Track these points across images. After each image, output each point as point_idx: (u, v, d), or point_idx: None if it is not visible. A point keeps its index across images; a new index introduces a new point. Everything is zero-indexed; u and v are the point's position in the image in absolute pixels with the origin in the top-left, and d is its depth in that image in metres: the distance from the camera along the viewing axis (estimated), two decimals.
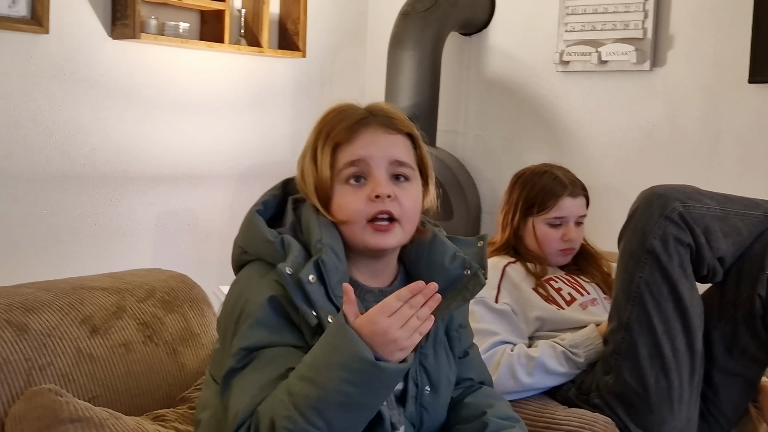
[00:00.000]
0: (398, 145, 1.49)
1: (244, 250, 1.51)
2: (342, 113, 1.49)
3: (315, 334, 1.40)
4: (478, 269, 1.55)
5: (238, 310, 1.43)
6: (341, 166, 1.46)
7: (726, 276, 2.02)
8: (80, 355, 1.78)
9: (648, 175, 2.66)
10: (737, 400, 2.08)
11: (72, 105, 3.20)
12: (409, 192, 1.49)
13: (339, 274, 1.42)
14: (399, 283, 1.56)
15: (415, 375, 1.52)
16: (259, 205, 1.52)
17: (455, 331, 1.62)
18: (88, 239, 3.27)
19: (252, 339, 1.39)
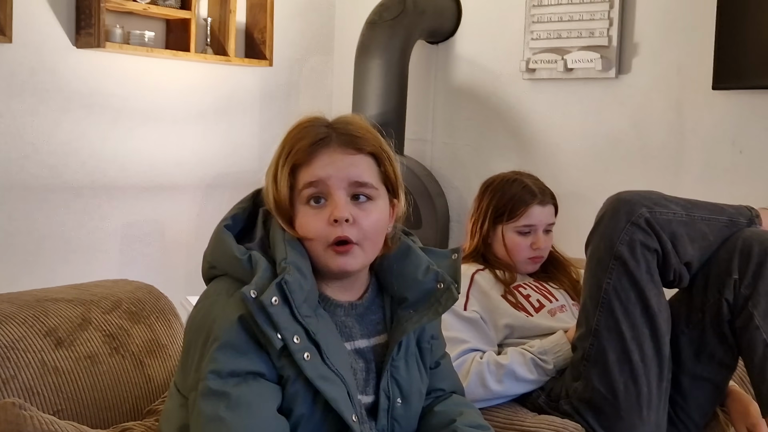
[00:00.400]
0: (359, 166, 1.46)
1: (212, 264, 1.49)
2: (303, 131, 1.46)
3: (280, 356, 1.39)
4: (451, 283, 1.54)
5: (206, 330, 1.41)
6: (301, 187, 1.44)
7: (693, 281, 2.04)
8: (45, 368, 1.75)
9: (614, 182, 2.68)
10: (705, 404, 2.09)
11: (35, 115, 3.17)
12: (369, 213, 1.46)
13: (304, 293, 1.40)
14: (370, 295, 1.55)
15: (387, 387, 1.51)
16: (227, 220, 1.50)
17: (427, 342, 1.61)
18: (52, 250, 3.23)
19: (221, 362, 1.37)
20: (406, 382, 1.54)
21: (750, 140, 3.17)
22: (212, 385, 1.36)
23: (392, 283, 1.54)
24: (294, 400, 1.40)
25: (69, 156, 3.26)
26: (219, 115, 3.75)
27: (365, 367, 1.51)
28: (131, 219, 3.47)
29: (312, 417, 1.41)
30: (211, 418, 1.35)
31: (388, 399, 1.51)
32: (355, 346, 1.51)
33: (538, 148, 3.65)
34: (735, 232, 2.03)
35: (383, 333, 1.55)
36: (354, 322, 1.52)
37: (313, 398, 1.40)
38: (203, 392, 1.36)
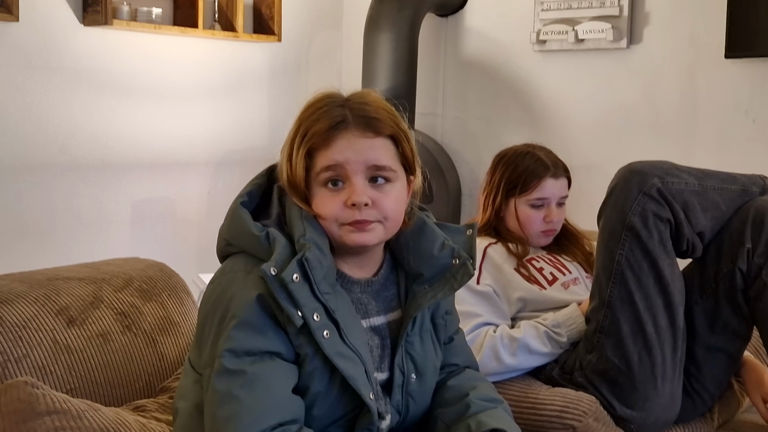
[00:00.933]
0: (377, 149, 1.44)
1: (228, 242, 1.48)
2: (319, 111, 1.44)
3: (299, 333, 1.38)
4: (467, 259, 1.53)
5: (223, 307, 1.40)
6: (318, 170, 1.42)
7: (706, 251, 2.02)
8: (57, 347, 1.76)
9: (627, 153, 2.65)
10: (720, 374, 2.09)
11: (44, 94, 3.16)
12: (388, 194, 1.45)
13: (324, 270, 1.39)
14: (385, 271, 1.54)
15: (401, 363, 1.50)
16: (243, 196, 1.48)
17: (441, 318, 1.60)
18: (63, 229, 3.24)
19: (238, 341, 1.36)
20: (421, 357, 1.53)
21: (763, 109, 3.14)
22: (228, 363, 1.35)
23: (408, 259, 1.53)
24: (311, 377, 1.40)
25: (78, 134, 3.26)
26: (228, 91, 3.74)
27: (380, 344, 1.51)
28: (141, 197, 3.47)
29: (329, 394, 1.41)
30: (226, 396, 1.34)
31: (403, 375, 1.51)
32: (371, 323, 1.50)
33: (550, 120, 3.63)
34: (747, 201, 2.01)
35: (398, 309, 1.54)
36: (370, 298, 1.51)
37: (330, 375, 1.40)
38: (218, 370, 1.36)
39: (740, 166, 2.26)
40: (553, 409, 2.00)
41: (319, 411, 1.41)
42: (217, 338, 1.39)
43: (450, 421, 1.53)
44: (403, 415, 1.52)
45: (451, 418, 1.53)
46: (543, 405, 2.01)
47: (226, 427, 1.33)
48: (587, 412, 1.98)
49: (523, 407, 2.02)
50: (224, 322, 1.38)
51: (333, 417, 1.43)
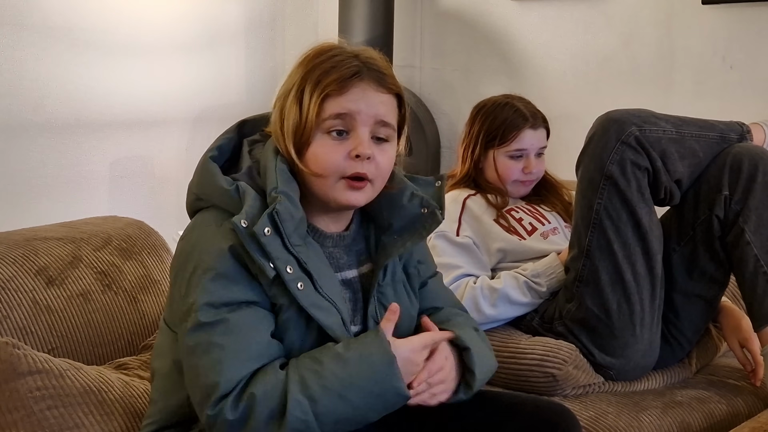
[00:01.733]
0: (387, 105, 1.46)
1: (198, 196, 1.48)
2: (334, 59, 1.43)
3: (272, 285, 1.38)
4: (436, 208, 1.54)
5: (194, 261, 1.39)
6: (326, 116, 1.42)
7: (683, 199, 2.04)
8: (37, 307, 1.76)
9: (605, 102, 2.64)
10: (698, 321, 2.11)
11: (14, 51, 3.11)
12: (386, 153, 1.46)
13: (295, 222, 1.39)
14: (355, 225, 1.55)
15: (375, 313, 1.51)
16: (213, 150, 1.48)
17: (413, 267, 1.61)
18: (39, 190, 3.21)
19: (214, 293, 1.36)
20: None
21: (740, 55, 3.14)
22: (206, 316, 1.35)
23: (378, 209, 1.54)
24: (286, 327, 1.40)
25: (51, 93, 3.21)
26: (203, 46, 3.69)
27: (353, 297, 1.52)
28: (118, 155, 3.44)
29: (305, 344, 1.41)
30: (207, 345, 1.35)
31: (377, 325, 1.51)
32: (343, 277, 1.51)
33: (528, 70, 3.61)
34: (725, 148, 2.02)
35: (368, 263, 1.55)
36: (342, 252, 1.52)
37: (306, 325, 1.41)
38: (196, 324, 1.36)
39: (718, 113, 2.26)
40: (534, 358, 2.02)
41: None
42: (189, 291, 1.38)
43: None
44: None
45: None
46: (523, 354, 2.03)
47: (211, 375, 1.33)
48: (567, 359, 2.00)
49: (504, 356, 2.04)
50: (196, 275, 1.38)
51: None
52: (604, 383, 2.06)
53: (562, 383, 1.99)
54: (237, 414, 1.31)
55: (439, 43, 3.86)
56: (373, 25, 3.55)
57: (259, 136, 1.53)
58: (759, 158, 1.98)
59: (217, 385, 1.32)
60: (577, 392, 2.03)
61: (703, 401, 2.03)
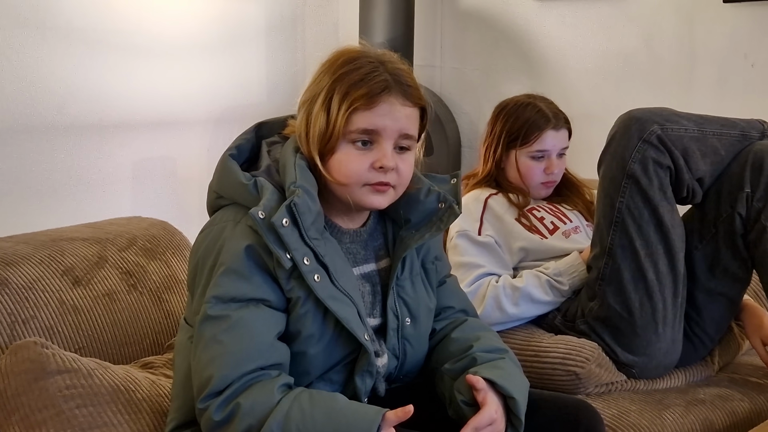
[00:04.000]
0: (411, 118, 1.48)
1: (218, 194, 1.50)
2: (361, 72, 1.45)
3: (290, 278, 1.40)
4: (453, 202, 1.56)
5: (213, 257, 1.42)
6: (353, 129, 1.44)
7: (705, 197, 2.03)
8: (63, 307, 1.77)
9: (626, 101, 2.64)
10: (720, 319, 2.10)
11: (39, 53, 3.14)
12: (408, 162, 1.50)
13: (313, 215, 1.41)
14: (372, 222, 1.57)
15: (394, 306, 1.53)
16: (232, 149, 1.51)
17: (431, 263, 1.63)
18: (63, 191, 3.24)
19: (224, 287, 1.39)
20: (414, 300, 1.56)
21: (762, 53, 3.12)
22: (213, 310, 1.38)
23: (395, 205, 1.56)
24: (303, 320, 1.42)
25: (75, 94, 3.24)
26: (224, 47, 3.71)
27: (371, 290, 1.54)
28: (141, 156, 3.46)
29: (322, 338, 1.43)
30: (210, 341, 1.37)
31: (397, 318, 1.53)
32: (361, 271, 1.54)
33: (549, 69, 3.61)
34: (747, 146, 2.02)
35: (386, 257, 1.58)
36: (359, 248, 1.55)
37: (323, 318, 1.43)
38: (203, 316, 1.39)
39: (739, 111, 2.25)
40: (556, 357, 2.02)
41: (315, 355, 1.44)
42: (205, 287, 1.41)
43: (456, 376, 1.54)
44: (401, 359, 1.55)
45: (457, 373, 1.54)
46: (546, 353, 2.03)
47: (208, 369, 1.36)
48: (590, 358, 2.00)
49: (526, 355, 2.04)
50: (213, 270, 1.41)
51: (330, 361, 1.46)
52: (627, 381, 2.06)
53: (585, 381, 1.99)
54: (221, 416, 1.34)
55: (459, 43, 3.87)
56: (394, 24, 3.55)
57: (277, 137, 1.56)
58: None
59: (210, 380, 1.35)
60: (599, 390, 2.03)
61: (725, 399, 2.02)
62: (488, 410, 1.44)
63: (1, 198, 3.10)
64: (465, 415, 1.47)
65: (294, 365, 1.43)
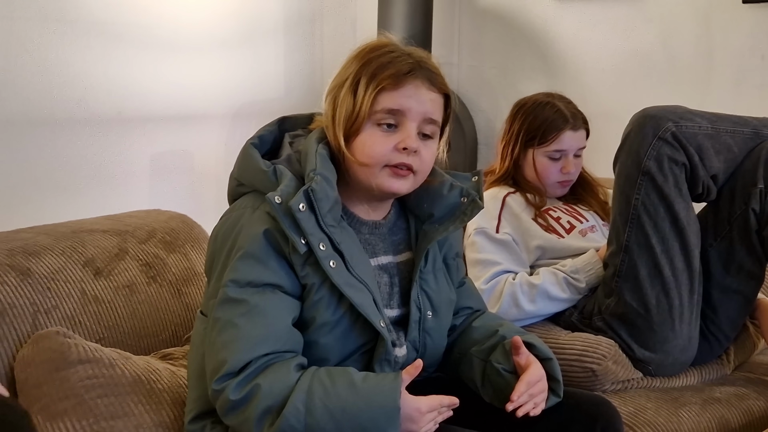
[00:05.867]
0: (435, 102, 1.50)
1: (239, 182, 1.53)
2: (390, 55, 1.48)
3: (305, 264, 1.42)
4: (476, 196, 1.58)
5: (230, 242, 1.44)
6: (379, 109, 1.46)
7: (719, 194, 2.04)
8: (85, 298, 1.79)
9: (643, 100, 2.64)
10: (735, 316, 2.11)
11: (59, 47, 3.16)
12: (430, 149, 1.52)
13: (330, 203, 1.43)
14: (393, 216, 1.59)
15: (417, 299, 1.55)
16: (254, 139, 1.54)
17: (452, 259, 1.65)
18: (83, 183, 3.26)
19: (241, 271, 1.41)
20: (436, 294, 1.58)
21: None
22: (230, 293, 1.40)
23: (418, 201, 1.58)
24: (318, 307, 1.44)
25: (95, 88, 3.26)
26: (243, 42, 3.72)
27: (389, 281, 1.55)
28: (160, 149, 3.48)
29: (338, 324, 1.45)
30: (226, 324, 1.40)
31: (419, 311, 1.55)
32: (379, 262, 1.55)
33: (566, 68, 3.61)
34: (759, 143, 2.02)
35: (407, 251, 1.59)
36: (377, 240, 1.56)
37: (338, 304, 1.44)
38: (221, 299, 1.41)
39: (756, 110, 2.26)
40: (573, 353, 2.03)
41: (330, 343, 1.45)
42: (222, 271, 1.44)
43: (486, 357, 1.57)
44: (420, 352, 1.56)
45: (487, 353, 1.57)
46: (563, 349, 2.04)
47: (222, 353, 1.38)
48: (606, 355, 2.01)
49: None
50: (231, 255, 1.43)
51: (347, 349, 1.47)
52: (643, 379, 2.06)
53: (602, 378, 2.00)
54: (239, 396, 1.36)
55: (477, 41, 3.87)
56: (412, 21, 3.56)
57: (301, 131, 1.57)
58: None
59: (225, 362, 1.37)
60: (615, 387, 2.03)
61: (741, 398, 2.03)
62: (536, 366, 1.50)
63: (22, 189, 3.12)
64: (504, 386, 1.51)
65: (311, 353, 1.45)
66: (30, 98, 3.11)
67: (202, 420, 1.50)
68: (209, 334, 1.43)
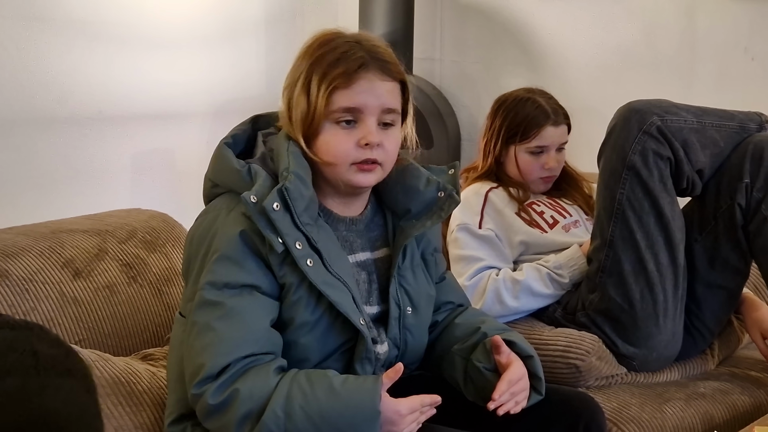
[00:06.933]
0: (392, 92, 1.49)
1: (214, 183, 1.51)
2: (338, 51, 1.46)
3: (283, 263, 1.41)
4: (453, 190, 1.57)
5: (206, 244, 1.43)
6: (335, 108, 1.45)
7: (705, 189, 2.04)
8: (64, 299, 1.77)
9: (626, 94, 2.64)
10: (720, 312, 2.11)
11: (38, 46, 3.14)
12: (392, 137, 1.50)
13: (305, 201, 1.42)
14: (369, 211, 1.57)
15: (396, 295, 1.54)
16: (228, 138, 1.52)
17: (430, 255, 1.64)
18: (63, 183, 3.23)
19: (218, 273, 1.40)
20: (415, 290, 1.57)
21: (763, 47, 3.12)
22: (207, 295, 1.39)
23: (395, 196, 1.57)
24: (297, 307, 1.43)
25: (74, 86, 3.23)
26: (224, 40, 3.70)
27: (367, 278, 1.54)
28: (140, 149, 3.46)
29: (318, 324, 1.44)
30: (204, 328, 1.39)
31: (399, 307, 1.54)
32: (357, 259, 1.54)
33: (548, 63, 3.60)
34: (745, 138, 2.02)
35: (384, 248, 1.58)
36: (355, 236, 1.55)
37: (317, 304, 1.43)
38: (198, 302, 1.40)
39: (739, 104, 2.25)
40: (557, 349, 2.02)
41: (310, 343, 1.44)
42: (199, 273, 1.42)
43: (467, 354, 1.56)
44: (401, 349, 1.55)
45: (468, 351, 1.57)
46: (546, 345, 2.03)
47: (201, 356, 1.37)
48: (590, 350, 2.01)
49: None
50: (207, 257, 1.42)
51: (327, 349, 1.46)
52: (627, 374, 2.06)
53: (585, 374, 1.99)
54: (218, 401, 1.35)
55: (459, 36, 3.86)
56: (394, 17, 3.55)
57: (273, 129, 1.56)
58: None
59: (203, 366, 1.36)
60: (599, 383, 2.03)
61: (725, 393, 2.02)
62: (518, 364, 1.49)
63: (1, 190, 3.09)
64: (486, 385, 1.50)
65: (291, 353, 1.44)
66: (9, 97, 3.09)
67: (182, 422, 1.48)
68: (187, 338, 1.42)
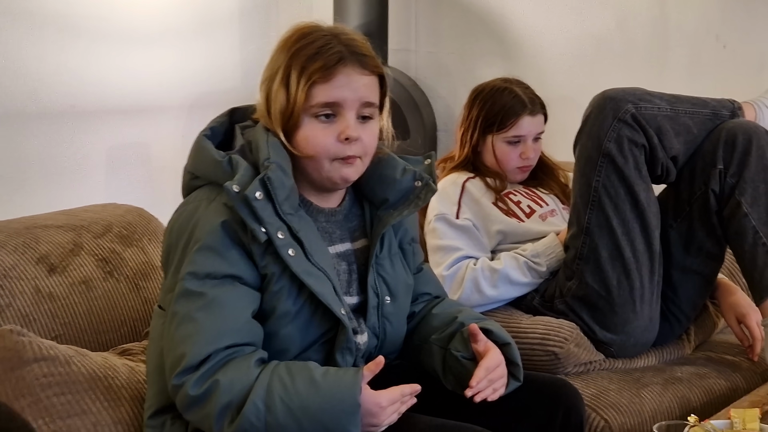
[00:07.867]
0: (370, 87, 1.50)
1: (193, 175, 1.51)
2: (314, 45, 1.46)
3: (265, 253, 1.41)
4: (429, 179, 1.57)
5: (187, 235, 1.43)
6: (314, 103, 1.45)
7: (679, 175, 2.05)
8: (39, 295, 1.76)
9: (600, 83, 2.64)
10: (696, 297, 2.12)
11: (9, 39, 3.11)
12: (371, 130, 1.51)
13: (286, 191, 1.42)
14: (348, 202, 1.58)
15: (374, 284, 1.54)
16: (207, 130, 1.52)
17: (408, 244, 1.65)
18: (36, 178, 3.20)
19: (200, 264, 1.40)
20: (393, 279, 1.57)
21: (734, 34, 3.14)
22: (188, 285, 1.39)
23: (372, 186, 1.57)
24: (278, 297, 1.43)
25: (47, 80, 3.20)
26: (197, 32, 3.68)
27: (347, 269, 1.55)
28: (114, 143, 3.43)
29: (299, 314, 1.44)
30: (185, 318, 1.39)
31: (377, 296, 1.54)
32: (337, 250, 1.54)
33: (523, 52, 3.61)
34: (718, 125, 2.04)
35: (363, 238, 1.58)
36: (334, 227, 1.55)
37: (298, 293, 1.44)
38: (179, 293, 1.40)
39: (712, 92, 2.27)
40: (535, 337, 2.03)
41: (291, 333, 1.44)
42: (180, 264, 1.42)
43: (446, 344, 1.57)
44: (380, 338, 1.56)
45: (446, 340, 1.57)
46: (525, 333, 2.04)
47: (181, 347, 1.37)
48: (568, 338, 2.02)
49: None
50: (188, 247, 1.42)
51: (308, 339, 1.46)
52: (605, 361, 2.07)
53: (564, 361, 2.01)
54: (198, 392, 1.35)
55: (434, 27, 3.86)
56: (368, 8, 3.54)
57: (250, 122, 1.56)
58: (753, 132, 2.00)
59: (184, 357, 1.36)
60: (578, 370, 2.04)
61: (702, 377, 2.04)
62: (495, 352, 1.50)
63: None
64: (464, 373, 1.51)
65: (272, 344, 1.44)
66: None
67: (162, 415, 1.48)
68: (168, 329, 1.41)
